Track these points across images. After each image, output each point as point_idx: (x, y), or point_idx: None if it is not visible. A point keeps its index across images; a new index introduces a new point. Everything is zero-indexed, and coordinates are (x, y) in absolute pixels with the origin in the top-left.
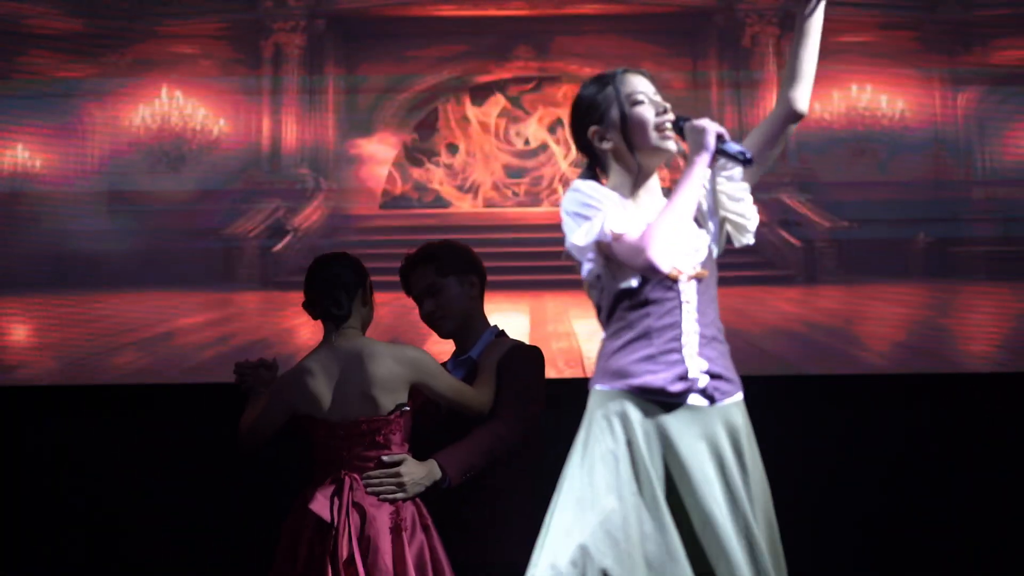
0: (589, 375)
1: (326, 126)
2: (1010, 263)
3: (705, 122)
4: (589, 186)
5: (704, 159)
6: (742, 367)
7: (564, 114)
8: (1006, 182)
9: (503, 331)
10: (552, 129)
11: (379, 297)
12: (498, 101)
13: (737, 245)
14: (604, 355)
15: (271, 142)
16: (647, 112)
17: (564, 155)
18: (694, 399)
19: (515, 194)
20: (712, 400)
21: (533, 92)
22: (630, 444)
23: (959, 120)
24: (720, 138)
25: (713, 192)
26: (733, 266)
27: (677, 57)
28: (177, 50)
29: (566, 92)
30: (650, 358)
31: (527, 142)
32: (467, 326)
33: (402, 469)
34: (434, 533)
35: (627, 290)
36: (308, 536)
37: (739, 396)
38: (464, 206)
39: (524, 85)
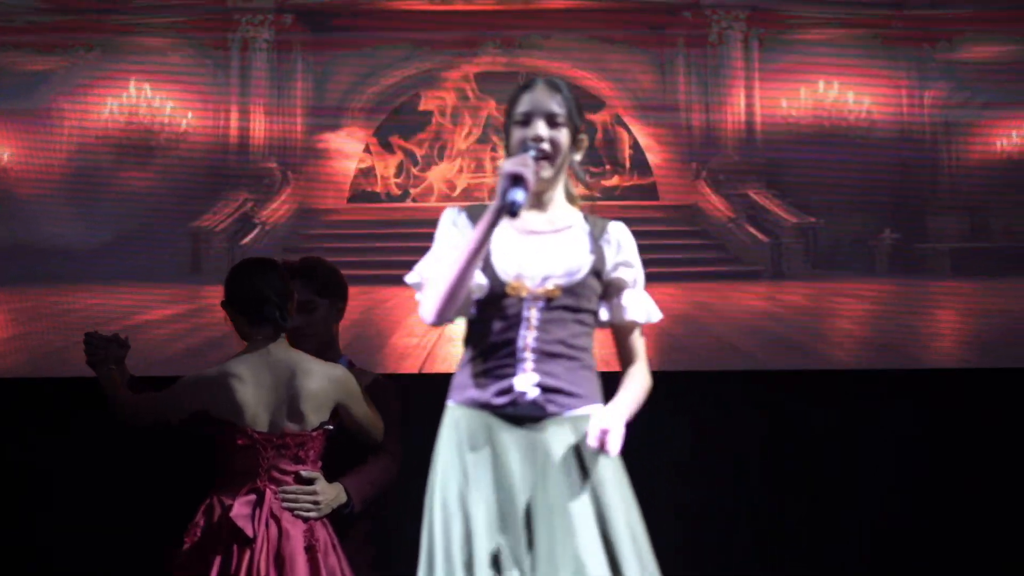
0: None
1: (294, 120)
2: (976, 260)
3: (508, 164)
4: (446, 217)
5: (495, 209)
6: (707, 363)
7: None
8: (972, 179)
9: (351, 361)
10: None
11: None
12: (467, 95)
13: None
14: (457, 369)
15: (239, 135)
16: (520, 134)
17: None
18: (523, 411)
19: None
20: (545, 412)
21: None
22: (462, 456)
23: (926, 117)
24: (517, 179)
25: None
26: (700, 261)
27: (645, 52)
28: (145, 43)
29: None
30: (484, 372)
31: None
32: (327, 349)
33: (317, 487)
34: (343, 556)
35: (476, 307)
36: (222, 545)
37: (586, 410)
38: (432, 201)
39: (493, 79)
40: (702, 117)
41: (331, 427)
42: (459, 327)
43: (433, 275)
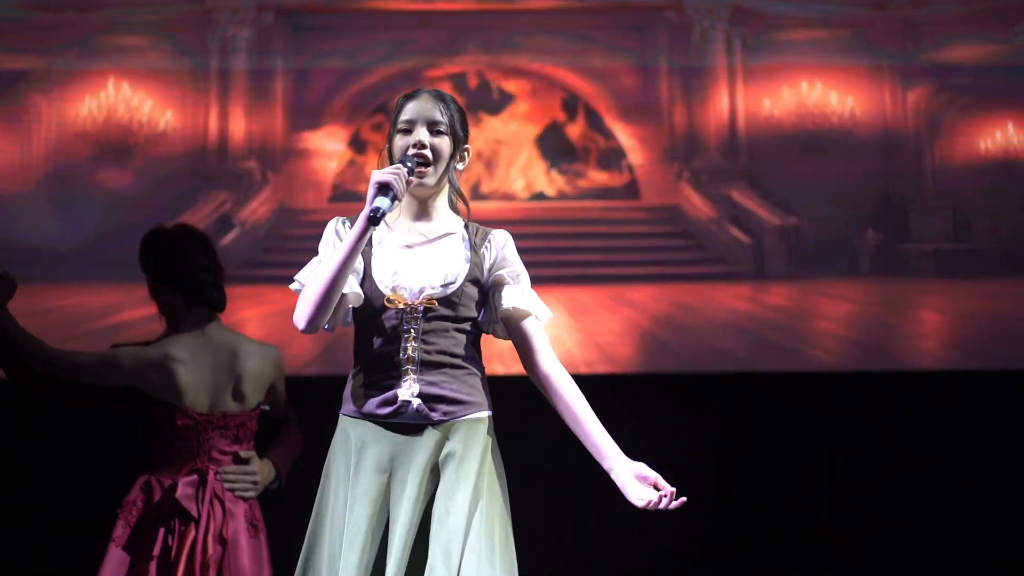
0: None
1: (274, 119)
2: (959, 260)
3: (378, 173)
4: (330, 227)
5: (362, 220)
6: (690, 364)
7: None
8: (955, 180)
9: None
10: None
11: None
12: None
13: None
14: (346, 384)
15: (218, 135)
16: (402, 141)
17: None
18: (407, 420)
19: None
20: (429, 419)
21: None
22: (350, 466)
23: (909, 117)
24: (384, 188)
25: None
26: (682, 262)
27: (627, 52)
28: (124, 41)
29: (519, 85)
30: (368, 383)
31: None
32: None
33: (254, 467)
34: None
35: (360, 320)
36: (162, 524)
37: (473, 415)
38: None
39: (474, 79)
40: (684, 117)
41: (267, 407)
42: None
43: (307, 283)
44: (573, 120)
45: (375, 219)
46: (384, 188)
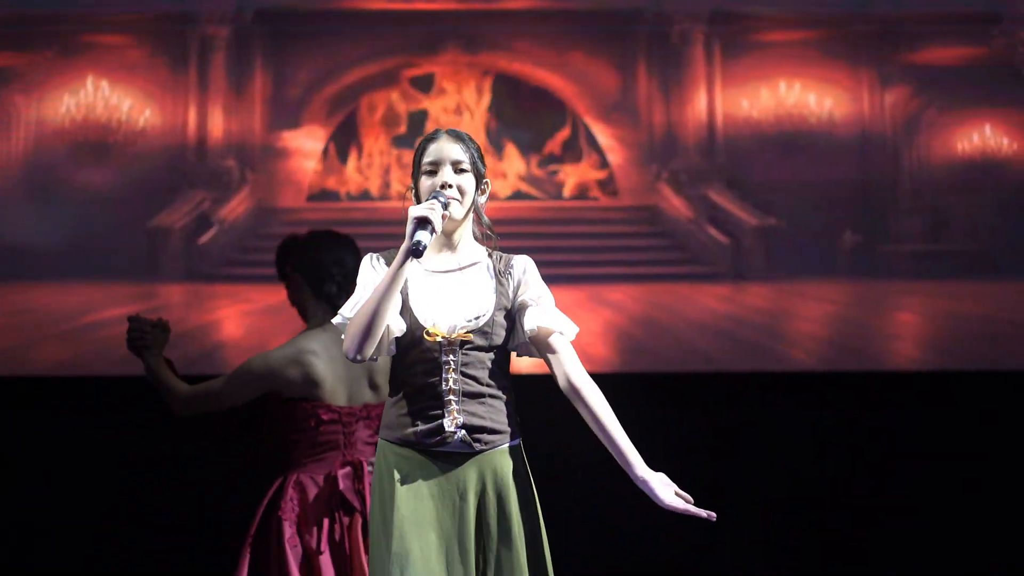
0: None
1: (253, 118)
2: (936, 262)
3: (415, 209)
4: (365, 262)
5: (405, 250)
6: (668, 364)
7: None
8: (933, 181)
9: None
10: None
11: None
12: (425, 94)
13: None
14: (386, 408)
15: (197, 134)
16: (429, 182)
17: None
18: (452, 449)
19: None
20: (472, 449)
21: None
22: (394, 489)
23: (887, 119)
24: (423, 222)
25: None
26: (660, 262)
27: (606, 52)
28: (103, 40)
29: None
30: (412, 412)
31: None
32: None
33: None
34: None
35: (400, 350)
36: (325, 518)
37: (509, 444)
38: (391, 200)
39: (453, 80)
40: (663, 118)
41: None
42: None
43: (354, 315)
44: (552, 120)
45: (418, 252)
46: (423, 222)
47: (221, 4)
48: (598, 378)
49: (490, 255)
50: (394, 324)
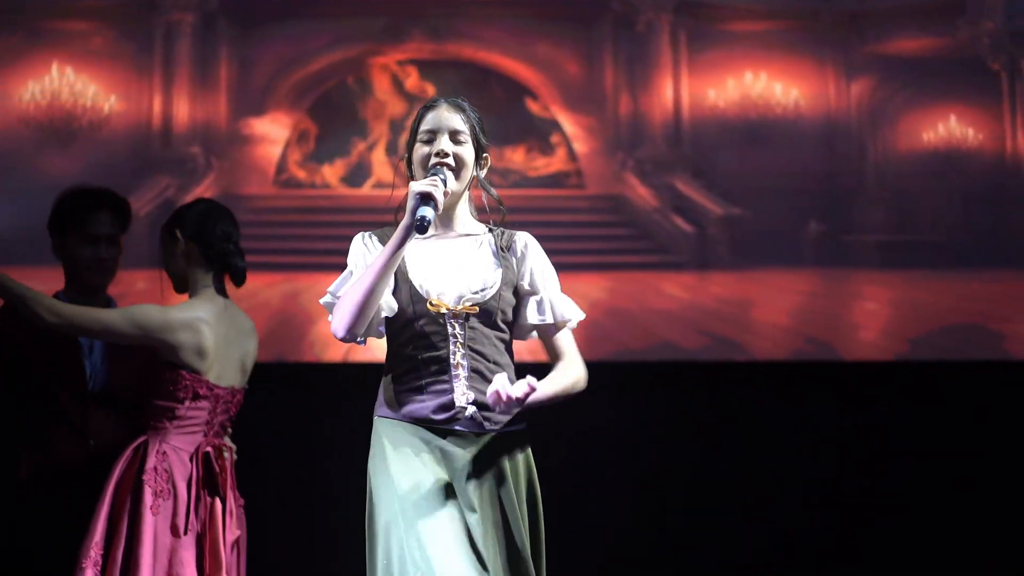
0: None
1: (218, 105)
2: (902, 251)
3: (418, 185)
4: (356, 240)
5: (405, 226)
6: (633, 353)
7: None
8: (898, 172)
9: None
10: None
11: (268, 278)
12: (392, 82)
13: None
14: (383, 386)
15: (162, 120)
16: (424, 150)
17: None
18: (461, 426)
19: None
20: (482, 428)
21: (428, 74)
22: (399, 467)
23: (852, 110)
24: (426, 198)
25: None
26: (625, 251)
27: (572, 41)
28: (68, 26)
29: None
30: (419, 389)
31: None
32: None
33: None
34: None
35: (398, 325)
36: (191, 498)
37: (516, 427)
38: (355, 187)
39: (418, 67)
40: (629, 107)
41: (247, 387)
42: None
43: (345, 292)
44: (518, 109)
45: (422, 228)
46: (426, 198)
47: None
48: None
49: (490, 230)
50: (384, 305)
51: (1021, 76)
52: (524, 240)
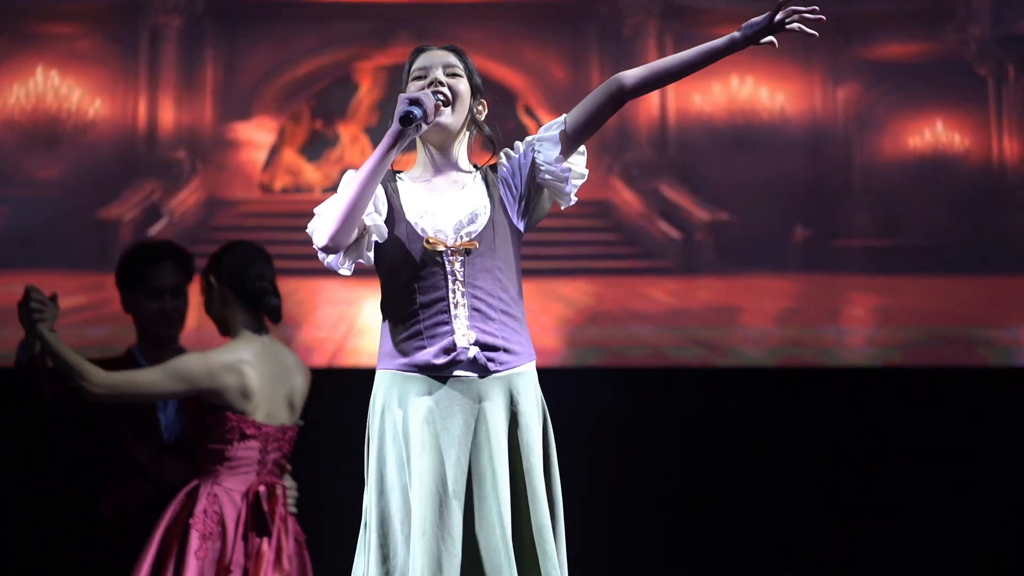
0: None
1: (204, 109)
2: (888, 256)
3: (406, 94)
4: (347, 172)
5: (391, 131)
6: (620, 358)
7: None
8: (885, 177)
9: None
10: None
11: None
12: (378, 85)
13: (563, 207)
14: (382, 337)
15: (148, 124)
16: (418, 84)
17: None
18: (463, 370)
19: None
20: (486, 371)
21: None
22: (405, 424)
23: (839, 114)
24: (414, 102)
25: (531, 165)
26: (612, 256)
27: (559, 45)
28: (53, 29)
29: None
30: (418, 334)
31: None
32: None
33: (293, 483)
34: None
35: (395, 266)
36: (239, 539)
37: (525, 367)
38: None
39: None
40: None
41: (302, 423)
42: (369, 318)
43: (328, 201)
44: (504, 113)
45: (407, 120)
46: (415, 102)
47: None
48: (548, 372)
49: (477, 167)
50: (373, 226)
51: (1008, 82)
52: (502, 153)
